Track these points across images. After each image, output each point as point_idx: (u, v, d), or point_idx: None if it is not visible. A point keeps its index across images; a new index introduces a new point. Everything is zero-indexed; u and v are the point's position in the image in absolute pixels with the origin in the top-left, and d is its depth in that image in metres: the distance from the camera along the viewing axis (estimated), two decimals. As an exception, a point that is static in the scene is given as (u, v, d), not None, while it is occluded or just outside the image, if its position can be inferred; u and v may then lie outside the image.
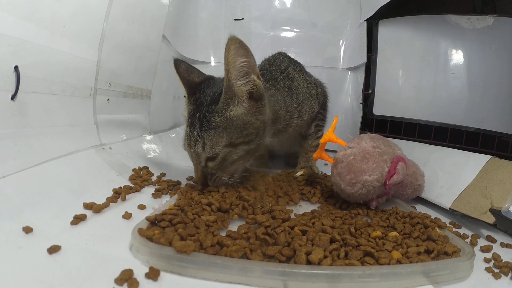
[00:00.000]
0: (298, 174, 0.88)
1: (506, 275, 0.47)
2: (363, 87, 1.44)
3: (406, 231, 0.56)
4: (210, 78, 0.76)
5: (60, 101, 0.73)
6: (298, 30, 1.52)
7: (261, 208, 0.59)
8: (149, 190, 0.72)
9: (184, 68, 0.76)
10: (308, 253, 0.44)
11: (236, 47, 0.60)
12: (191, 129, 0.68)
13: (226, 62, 0.61)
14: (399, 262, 0.45)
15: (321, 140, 0.72)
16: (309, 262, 0.43)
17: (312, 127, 0.96)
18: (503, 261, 0.50)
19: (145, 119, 1.10)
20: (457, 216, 0.72)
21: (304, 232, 0.51)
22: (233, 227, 0.54)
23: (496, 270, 0.48)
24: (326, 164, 1.15)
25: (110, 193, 0.65)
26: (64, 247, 0.43)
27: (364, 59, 1.42)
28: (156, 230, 0.47)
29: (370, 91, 1.41)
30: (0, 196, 0.50)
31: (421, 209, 0.75)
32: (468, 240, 0.59)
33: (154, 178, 0.80)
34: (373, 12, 1.32)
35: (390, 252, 0.48)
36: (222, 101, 0.64)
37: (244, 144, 0.67)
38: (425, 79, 1.31)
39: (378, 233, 0.52)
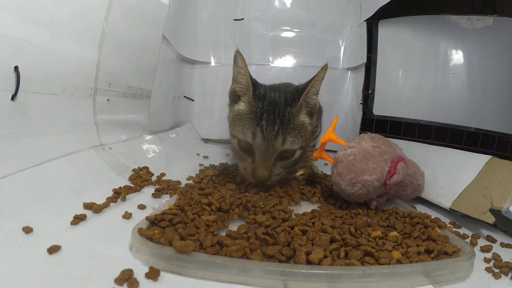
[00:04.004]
0: (298, 174, 0.89)
1: (506, 275, 0.47)
2: (363, 87, 1.44)
3: (406, 231, 0.56)
4: (257, 82, 0.80)
5: (60, 101, 0.73)
6: (298, 30, 1.52)
7: (262, 208, 0.59)
8: (149, 190, 0.72)
9: None
10: (308, 253, 0.44)
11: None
12: (269, 124, 0.69)
13: (316, 79, 0.73)
14: (399, 262, 0.45)
15: (321, 140, 0.72)
16: (309, 262, 0.43)
17: None
18: (503, 261, 0.50)
19: (145, 119, 1.10)
20: (457, 216, 0.72)
21: (304, 232, 0.51)
22: (233, 227, 0.54)
23: (496, 270, 0.48)
24: (326, 164, 1.15)
25: (110, 193, 0.65)
26: (64, 247, 0.43)
27: (364, 59, 1.42)
28: (156, 230, 0.47)
29: (370, 91, 1.41)
30: (0, 196, 0.50)
31: (421, 209, 0.75)
32: (468, 240, 0.59)
33: (154, 178, 0.80)
34: (373, 12, 1.32)
35: (390, 252, 0.48)
36: (298, 106, 0.73)
37: (302, 149, 0.76)
38: (425, 79, 1.31)
39: (378, 233, 0.52)
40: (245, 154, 0.73)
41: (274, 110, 0.71)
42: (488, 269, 0.48)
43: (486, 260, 0.51)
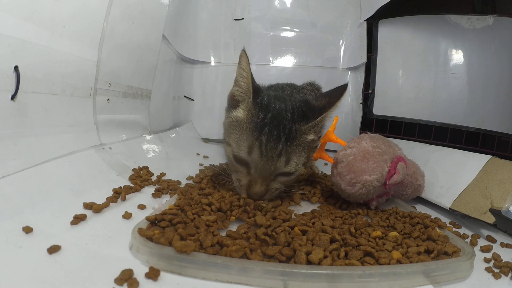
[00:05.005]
0: (298, 174, 0.88)
1: (506, 275, 0.47)
2: (363, 87, 1.44)
3: (406, 231, 0.56)
4: (260, 88, 0.74)
5: (60, 101, 0.73)
6: (298, 30, 1.52)
7: (264, 207, 0.59)
8: (149, 190, 0.72)
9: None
10: (308, 253, 0.44)
11: None
12: (270, 140, 0.62)
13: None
14: (399, 262, 0.45)
15: (321, 140, 0.72)
16: (309, 262, 0.43)
17: None
18: (503, 261, 0.50)
19: (145, 119, 1.10)
20: (457, 216, 0.72)
21: (304, 232, 0.51)
22: (233, 227, 0.54)
23: (496, 270, 0.48)
24: (326, 164, 1.15)
25: (110, 193, 0.65)
26: (64, 247, 0.43)
27: (364, 59, 1.42)
28: (156, 230, 0.47)
29: (370, 91, 1.41)
30: (0, 196, 0.50)
31: (421, 209, 0.75)
32: (468, 240, 0.59)
33: (154, 178, 0.80)
34: (373, 12, 1.32)
35: (390, 252, 0.48)
36: (310, 125, 0.67)
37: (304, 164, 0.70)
38: (425, 79, 1.31)
39: (378, 233, 0.52)
40: (240, 165, 0.66)
41: (278, 125, 0.63)
42: (488, 269, 0.48)
43: (486, 260, 0.51)
